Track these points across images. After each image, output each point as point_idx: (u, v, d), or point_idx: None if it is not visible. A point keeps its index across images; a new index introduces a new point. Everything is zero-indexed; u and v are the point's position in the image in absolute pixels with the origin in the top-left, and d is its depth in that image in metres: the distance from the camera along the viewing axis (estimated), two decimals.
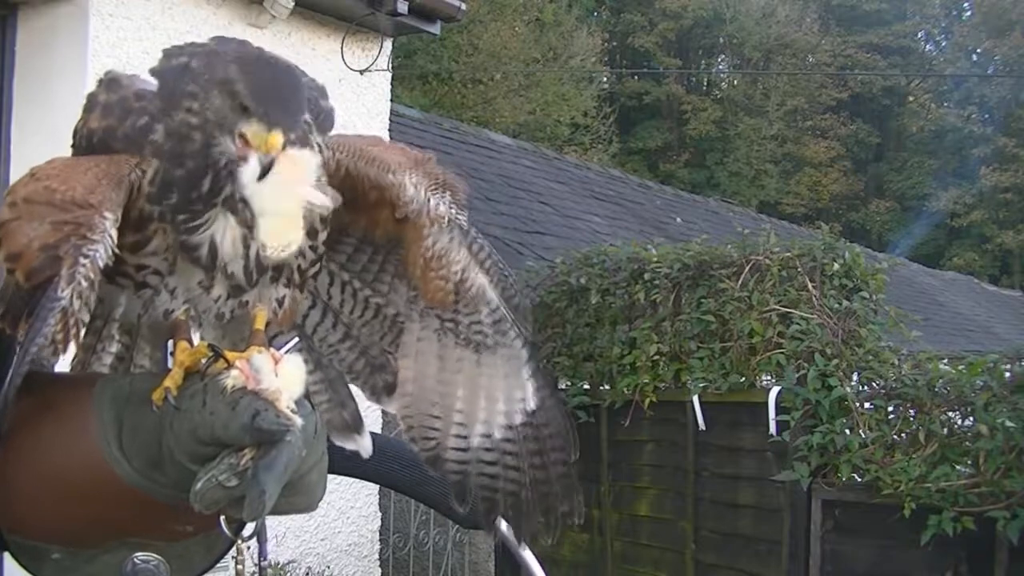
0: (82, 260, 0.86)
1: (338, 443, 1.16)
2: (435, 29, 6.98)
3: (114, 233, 0.89)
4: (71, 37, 5.12)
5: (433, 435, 1.15)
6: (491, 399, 1.14)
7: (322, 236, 1.02)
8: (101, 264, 0.87)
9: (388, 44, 6.66)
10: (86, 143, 0.99)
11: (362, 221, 1.12)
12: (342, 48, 6.23)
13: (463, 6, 7.08)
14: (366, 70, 6.43)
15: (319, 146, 0.99)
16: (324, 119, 1.02)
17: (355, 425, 1.19)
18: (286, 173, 0.90)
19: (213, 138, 0.91)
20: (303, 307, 1.14)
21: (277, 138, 0.89)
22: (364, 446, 1.19)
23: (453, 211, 1.09)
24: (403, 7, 6.27)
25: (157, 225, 0.94)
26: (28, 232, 0.87)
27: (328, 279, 1.17)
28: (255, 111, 0.89)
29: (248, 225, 0.94)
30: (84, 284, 0.86)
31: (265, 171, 0.89)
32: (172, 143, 0.93)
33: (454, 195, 1.09)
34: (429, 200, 1.07)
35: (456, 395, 1.14)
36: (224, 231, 0.94)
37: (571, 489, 1.14)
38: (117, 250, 0.92)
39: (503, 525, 1.15)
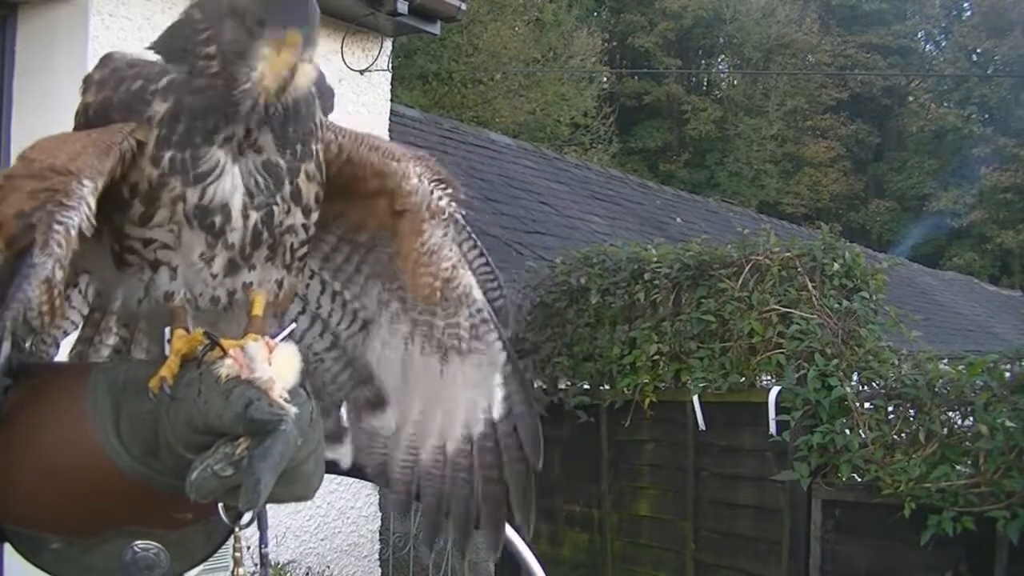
0: (55, 226, 0.86)
1: None
2: (435, 29, 6.98)
3: (92, 200, 0.89)
4: (71, 37, 5.11)
5: (380, 450, 1.12)
6: (449, 413, 1.11)
7: (315, 216, 1.01)
8: (75, 231, 0.87)
9: (388, 44, 6.65)
10: (83, 119, 0.99)
11: (353, 213, 1.11)
12: (342, 48, 6.23)
13: (463, 6, 7.07)
14: (366, 70, 6.43)
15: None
16: (327, 97, 1.03)
17: (337, 435, 1.18)
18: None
19: (232, 65, 0.91)
20: (300, 290, 1.13)
21: (296, 37, 0.88)
22: (344, 456, 1.18)
23: (453, 206, 1.09)
24: (403, 7, 6.27)
25: (166, 190, 0.93)
26: (9, 203, 0.88)
27: (319, 288, 1.17)
28: (269, 20, 0.88)
29: (251, 193, 0.94)
30: (59, 250, 0.86)
31: (283, 87, 0.89)
32: (186, 76, 0.93)
33: (455, 190, 1.10)
34: (432, 192, 1.07)
35: (413, 408, 1.12)
36: (232, 189, 0.94)
37: (526, 501, 1.10)
38: (124, 224, 0.92)
39: (507, 528, 1.13)
